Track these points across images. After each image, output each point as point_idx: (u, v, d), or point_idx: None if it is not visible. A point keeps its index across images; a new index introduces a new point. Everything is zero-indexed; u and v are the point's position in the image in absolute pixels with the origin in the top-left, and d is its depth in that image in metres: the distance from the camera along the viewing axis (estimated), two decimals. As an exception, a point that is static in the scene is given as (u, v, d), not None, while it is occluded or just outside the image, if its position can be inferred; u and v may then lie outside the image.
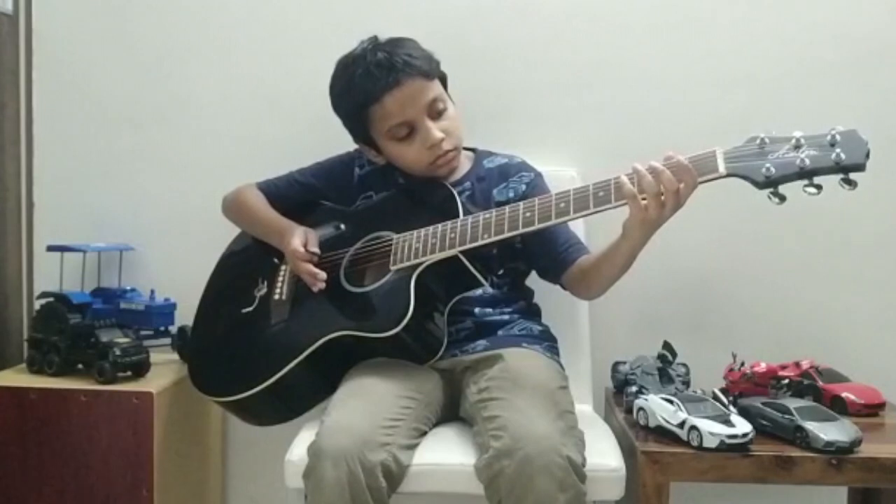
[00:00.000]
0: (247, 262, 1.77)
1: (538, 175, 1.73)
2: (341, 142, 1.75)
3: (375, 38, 1.66)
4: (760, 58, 1.92)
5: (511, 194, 1.68)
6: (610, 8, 1.95)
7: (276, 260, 1.70)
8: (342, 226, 1.70)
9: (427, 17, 1.92)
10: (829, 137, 1.27)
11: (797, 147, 1.29)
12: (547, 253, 1.64)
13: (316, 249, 1.62)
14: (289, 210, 1.76)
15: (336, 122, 1.71)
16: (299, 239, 1.62)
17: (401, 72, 1.60)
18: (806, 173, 1.27)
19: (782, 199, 1.29)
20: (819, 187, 1.27)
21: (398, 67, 1.60)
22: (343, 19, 1.93)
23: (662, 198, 1.35)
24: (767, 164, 1.29)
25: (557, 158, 1.88)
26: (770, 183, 1.29)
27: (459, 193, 1.61)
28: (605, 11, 1.95)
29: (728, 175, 1.32)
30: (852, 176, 1.26)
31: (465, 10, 1.96)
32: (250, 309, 1.69)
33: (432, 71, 1.65)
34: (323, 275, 1.58)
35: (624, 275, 1.51)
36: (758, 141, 1.32)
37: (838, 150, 1.25)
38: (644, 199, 1.35)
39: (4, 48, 1.99)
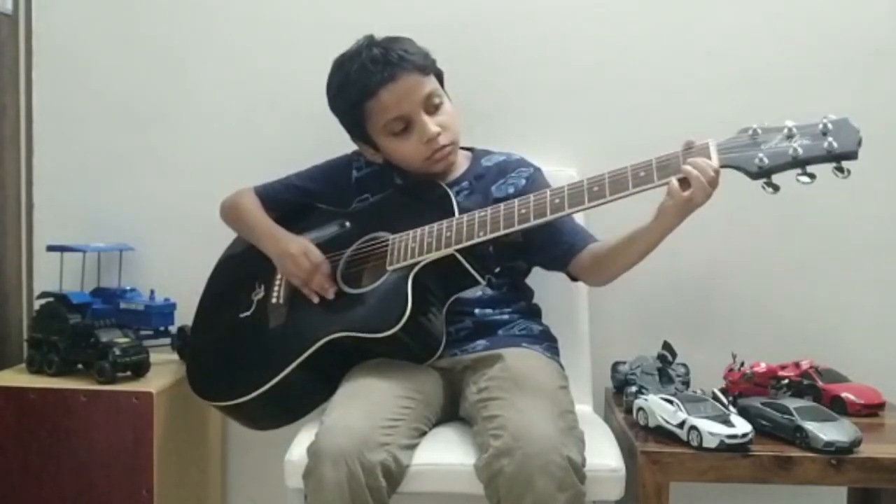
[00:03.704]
0: (244, 266, 1.76)
1: (537, 170, 1.73)
2: (341, 142, 1.75)
3: (371, 36, 1.66)
4: (760, 58, 1.92)
5: (511, 190, 1.68)
6: (610, 8, 1.95)
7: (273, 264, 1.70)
8: (340, 227, 1.70)
9: (426, 18, 1.92)
10: (820, 126, 1.28)
11: (789, 136, 1.29)
12: (553, 243, 1.62)
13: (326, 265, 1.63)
14: (287, 213, 1.76)
15: (335, 123, 1.71)
16: (317, 251, 1.63)
17: (396, 66, 1.60)
18: (799, 162, 1.28)
19: (776, 188, 1.29)
20: (812, 176, 1.28)
21: (393, 62, 1.60)
22: (342, 19, 1.93)
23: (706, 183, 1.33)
24: (760, 155, 1.29)
25: (557, 158, 1.88)
26: (763, 173, 1.29)
27: (458, 192, 1.61)
28: (605, 11, 1.95)
29: (721, 166, 1.32)
30: (845, 164, 1.26)
31: (464, 10, 1.96)
32: (248, 313, 1.69)
33: (428, 66, 1.65)
34: (332, 288, 1.60)
35: (636, 265, 1.51)
36: (750, 132, 1.32)
37: (830, 138, 1.26)
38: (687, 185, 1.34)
39: (4, 48, 1.99)
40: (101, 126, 2.05)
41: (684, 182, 1.35)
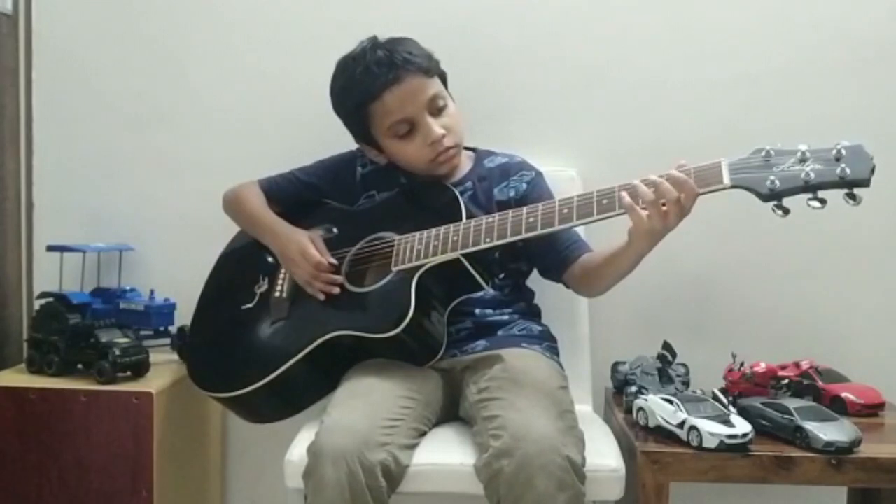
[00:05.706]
0: (248, 259, 1.77)
1: (538, 174, 1.73)
2: (342, 141, 1.75)
3: (375, 37, 1.66)
4: (761, 59, 1.92)
5: (512, 193, 1.68)
6: (610, 9, 1.95)
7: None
8: (342, 228, 1.70)
9: (427, 18, 1.92)
10: (834, 151, 1.26)
11: (802, 160, 1.28)
12: (549, 252, 1.64)
13: (333, 260, 1.62)
14: (290, 209, 1.76)
15: (337, 122, 1.70)
16: (314, 248, 1.62)
17: (400, 69, 1.60)
18: (810, 187, 1.26)
19: (786, 211, 1.28)
20: (823, 201, 1.27)
21: (398, 64, 1.60)
22: (344, 19, 1.93)
23: (664, 207, 1.34)
24: (772, 177, 1.28)
25: (557, 159, 1.88)
26: (774, 196, 1.28)
27: (461, 193, 1.61)
28: (606, 12, 1.95)
29: (732, 187, 1.31)
30: (856, 191, 1.25)
31: (465, 11, 1.96)
32: (250, 305, 1.69)
33: (432, 68, 1.65)
34: (340, 279, 1.59)
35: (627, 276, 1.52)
36: (763, 153, 1.31)
37: (843, 164, 1.25)
38: (644, 209, 1.35)
39: (4, 48, 1.99)
40: (101, 126, 2.05)
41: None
